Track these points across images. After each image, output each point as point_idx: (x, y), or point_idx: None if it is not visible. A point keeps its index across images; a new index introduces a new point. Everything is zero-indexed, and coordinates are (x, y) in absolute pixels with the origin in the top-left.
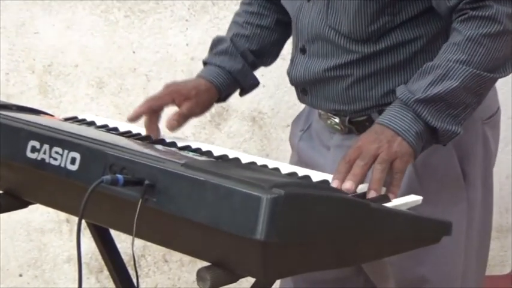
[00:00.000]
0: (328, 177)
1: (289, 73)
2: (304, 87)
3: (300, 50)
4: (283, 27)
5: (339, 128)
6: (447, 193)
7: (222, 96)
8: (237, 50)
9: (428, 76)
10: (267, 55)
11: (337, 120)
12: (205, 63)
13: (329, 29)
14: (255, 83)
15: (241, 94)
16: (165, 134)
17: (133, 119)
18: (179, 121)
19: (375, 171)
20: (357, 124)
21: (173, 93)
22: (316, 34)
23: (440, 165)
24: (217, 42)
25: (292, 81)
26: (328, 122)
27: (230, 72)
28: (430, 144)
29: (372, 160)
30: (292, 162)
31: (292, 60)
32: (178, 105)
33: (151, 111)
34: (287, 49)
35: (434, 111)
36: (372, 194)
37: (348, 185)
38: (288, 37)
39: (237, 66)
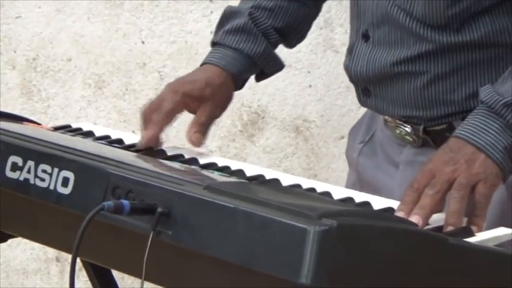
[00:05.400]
0: (395, 204)
1: (347, 67)
2: (366, 85)
3: (362, 35)
4: None
5: (411, 140)
6: None
7: (238, 86)
8: (257, 27)
9: None
10: (294, 34)
11: (408, 129)
12: (214, 43)
13: (398, 10)
14: (279, 68)
15: (258, 79)
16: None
17: (146, 146)
18: (202, 132)
19: (452, 202)
20: (434, 134)
21: (184, 99)
22: (383, 16)
23: None
24: (230, 15)
25: (352, 78)
26: (397, 131)
27: (249, 56)
28: None
29: (445, 187)
30: (349, 184)
31: (350, 50)
32: (193, 112)
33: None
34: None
35: None
36: (449, 229)
37: (413, 221)
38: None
39: (258, 48)
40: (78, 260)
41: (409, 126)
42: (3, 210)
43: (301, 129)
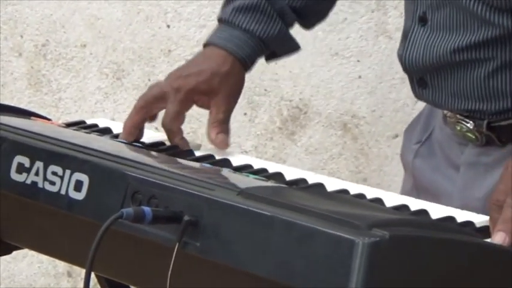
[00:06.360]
0: (455, 212)
1: (401, 55)
2: (422, 76)
3: (419, 19)
4: None
5: (473, 137)
6: None
7: (247, 69)
8: (271, 5)
9: None
10: (313, 14)
11: (470, 125)
12: (221, 20)
13: None
14: (294, 49)
15: (269, 60)
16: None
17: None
18: (225, 130)
19: None
20: (499, 130)
21: (190, 95)
22: None
23: None
24: None
25: (406, 67)
26: (458, 128)
27: (261, 39)
28: None
29: None
30: (405, 190)
31: (405, 35)
32: (204, 107)
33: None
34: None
35: None
36: None
37: (498, 238)
38: None
39: (272, 30)
40: (92, 275)
41: (471, 121)
42: (7, 217)
43: (349, 127)
